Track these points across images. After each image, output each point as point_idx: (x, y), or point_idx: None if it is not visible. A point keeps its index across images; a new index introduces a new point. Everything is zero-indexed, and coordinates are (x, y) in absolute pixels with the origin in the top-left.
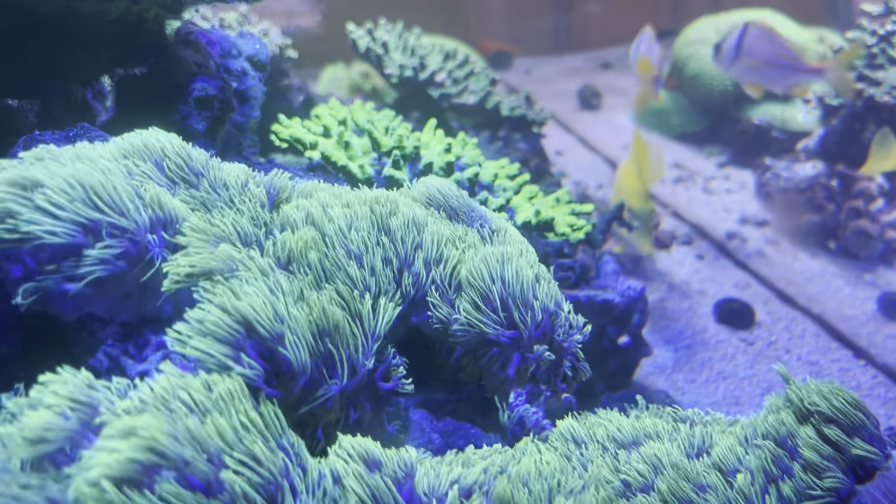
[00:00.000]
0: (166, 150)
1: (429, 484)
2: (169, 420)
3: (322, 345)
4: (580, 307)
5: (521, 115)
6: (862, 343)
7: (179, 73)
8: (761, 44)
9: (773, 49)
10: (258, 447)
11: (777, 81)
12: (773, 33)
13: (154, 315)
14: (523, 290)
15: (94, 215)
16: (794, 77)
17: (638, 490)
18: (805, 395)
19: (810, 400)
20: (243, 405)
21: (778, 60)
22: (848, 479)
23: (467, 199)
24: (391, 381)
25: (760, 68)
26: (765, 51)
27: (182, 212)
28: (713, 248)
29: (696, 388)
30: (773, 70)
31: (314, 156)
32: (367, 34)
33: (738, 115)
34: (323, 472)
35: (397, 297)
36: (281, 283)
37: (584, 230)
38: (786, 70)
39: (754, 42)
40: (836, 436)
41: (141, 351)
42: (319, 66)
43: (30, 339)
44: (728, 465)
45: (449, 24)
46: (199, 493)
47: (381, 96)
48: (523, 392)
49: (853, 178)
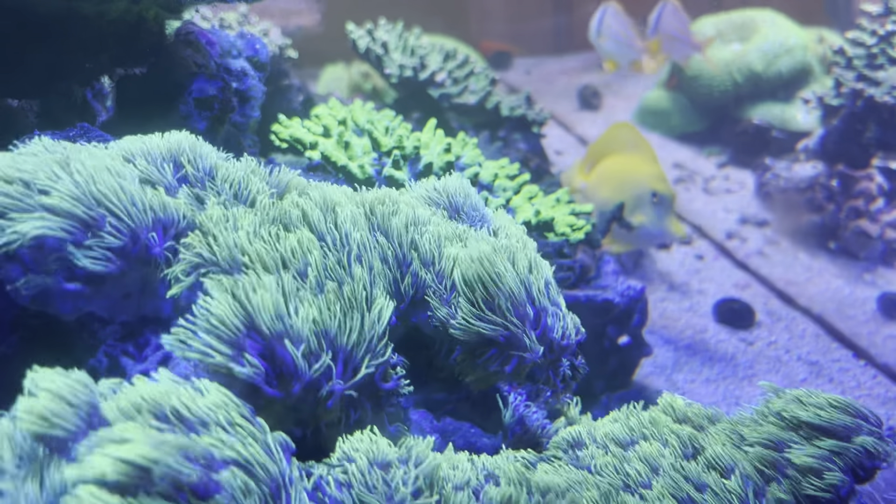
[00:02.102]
0: (175, 148)
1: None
2: (160, 426)
3: (322, 345)
4: (580, 307)
5: (521, 115)
6: (862, 343)
7: (179, 73)
8: (618, 22)
9: (623, 29)
10: (253, 450)
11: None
12: (622, 17)
13: (154, 315)
14: (522, 291)
15: (95, 213)
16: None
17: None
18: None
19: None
20: (238, 408)
21: (625, 39)
22: (848, 478)
23: (471, 197)
24: (391, 381)
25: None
26: (619, 29)
27: (185, 211)
28: (713, 248)
29: (696, 388)
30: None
31: (314, 156)
32: (367, 34)
33: (738, 115)
34: (320, 473)
35: (397, 297)
36: (281, 282)
37: (583, 230)
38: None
39: (612, 21)
40: (835, 435)
41: (141, 350)
42: (319, 66)
43: (30, 338)
44: (726, 464)
45: (449, 24)
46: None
47: (381, 96)
48: (523, 392)
49: (853, 178)
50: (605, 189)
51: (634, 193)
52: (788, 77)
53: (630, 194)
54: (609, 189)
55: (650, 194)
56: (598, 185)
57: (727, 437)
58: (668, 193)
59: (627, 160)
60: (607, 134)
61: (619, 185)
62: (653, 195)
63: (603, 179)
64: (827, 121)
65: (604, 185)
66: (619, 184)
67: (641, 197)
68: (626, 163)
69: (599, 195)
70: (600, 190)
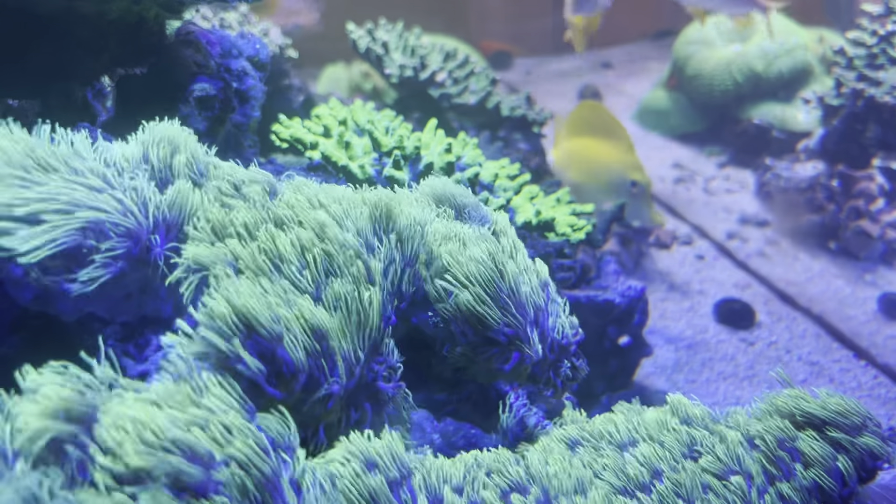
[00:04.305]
0: (175, 146)
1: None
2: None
3: (321, 345)
4: (581, 307)
5: (522, 115)
6: (862, 343)
7: (180, 73)
8: None
9: None
10: (250, 450)
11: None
12: None
13: (154, 315)
14: (522, 291)
15: (96, 215)
16: None
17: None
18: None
19: (810, 404)
20: (239, 408)
21: None
22: (852, 475)
23: (472, 198)
24: (391, 381)
25: None
26: None
27: (185, 211)
28: (713, 248)
29: (697, 389)
30: None
31: (314, 156)
32: (368, 34)
33: (738, 115)
34: (320, 474)
35: (398, 297)
36: (280, 282)
37: (584, 230)
38: None
39: None
40: (837, 435)
41: (141, 351)
42: (319, 66)
43: (30, 339)
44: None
45: (449, 24)
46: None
47: (382, 96)
48: (523, 392)
49: (853, 179)
50: (576, 171)
51: (610, 182)
52: (789, 77)
53: (605, 182)
54: (579, 172)
55: (629, 184)
56: (568, 166)
57: (730, 435)
58: (645, 182)
59: (602, 146)
60: (577, 112)
61: (591, 171)
62: (632, 185)
63: (574, 161)
64: (827, 121)
65: (574, 167)
66: (593, 169)
67: (619, 185)
68: (601, 149)
69: (568, 176)
70: (570, 171)
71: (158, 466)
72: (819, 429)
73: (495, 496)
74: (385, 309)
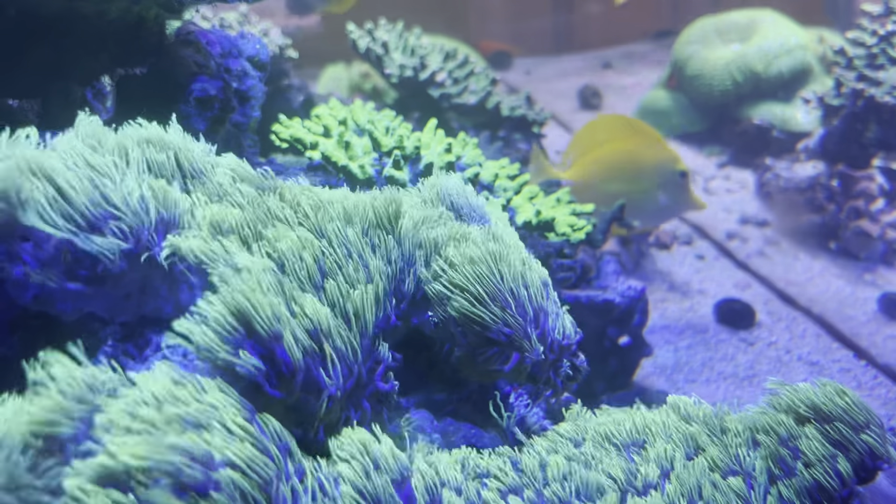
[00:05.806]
0: (175, 145)
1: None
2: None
3: (321, 345)
4: (581, 307)
5: (522, 115)
6: (862, 343)
7: (180, 72)
8: None
9: None
10: (252, 451)
11: None
12: None
13: (154, 315)
14: (522, 291)
15: (96, 212)
16: None
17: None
18: (805, 395)
19: (811, 401)
20: (238, 408)
21: None
22: (852, 473)
23: (472, 197)
24: (391, 381)
25: None
26: None
27: (185, 211)
28: (713, 248)
29: (697, 389)
30: None
31: (314, 156)
32: (367, 34)
33: (738, 115)
34: (320, 474)
35: (398, 297)
36: (279, 282)
37: (584, 230)
38: None
39: None
40: (838, 434)
41: (141, 351)
42: (319, 66)
43: (30, 339)
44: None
45: (449, 24)
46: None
47: (382, 96)
48: (523, 392)
49: (854, 179)
50: (617, 181)
51: (662, 179)
52: (789, 77)
53: (655, 181)
54: (622, 181)
55: (679, 175)
56: (606, 177)
57: (732, 433)
58: (687, 170)
59: (635, 146)
60: (589, 128)
61: (637, 174)
62: (681, 175)
63: (612, 170)
64: (827, 121)
65: (615, 176)
66: (638, 172)
67: (669, 180)
68: (636, 150)
69: (607, 188)
70: (610, 183)
71: (158, 466)
72: (822, 423)
73: (495, 496)
74: (385, 308)
